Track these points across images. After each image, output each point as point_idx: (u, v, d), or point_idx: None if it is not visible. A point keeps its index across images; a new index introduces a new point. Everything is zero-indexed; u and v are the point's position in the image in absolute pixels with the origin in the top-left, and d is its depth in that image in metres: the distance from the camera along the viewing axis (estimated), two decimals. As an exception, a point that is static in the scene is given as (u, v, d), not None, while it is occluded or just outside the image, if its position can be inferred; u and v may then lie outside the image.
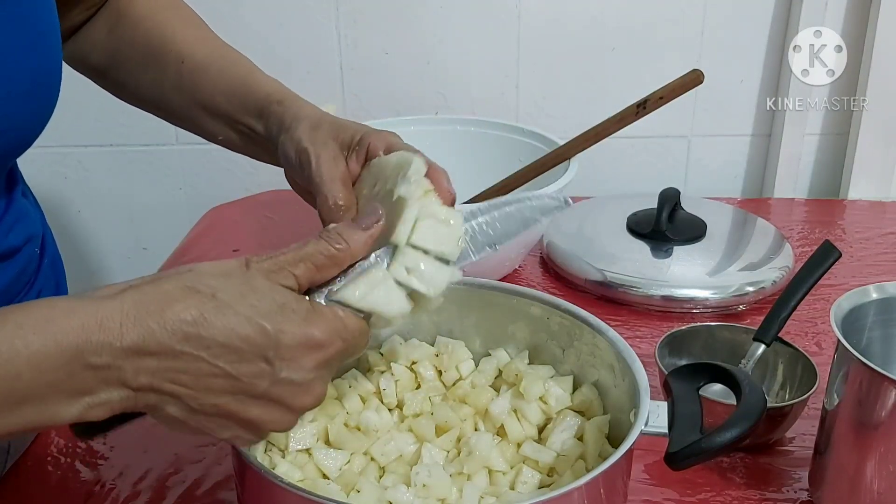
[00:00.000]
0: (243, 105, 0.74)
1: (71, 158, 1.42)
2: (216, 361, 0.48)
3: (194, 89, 0.76)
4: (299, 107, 0.71)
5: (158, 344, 0.47)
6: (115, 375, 0.47)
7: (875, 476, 0.64)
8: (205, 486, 0.75)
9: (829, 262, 0.82)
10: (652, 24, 1.33)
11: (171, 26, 0.79)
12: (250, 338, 0.49)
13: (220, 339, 0.48)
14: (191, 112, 0.77)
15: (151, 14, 0.80)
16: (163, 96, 0.78)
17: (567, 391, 0.71)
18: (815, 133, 1.38)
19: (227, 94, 0.74)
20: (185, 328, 0.48)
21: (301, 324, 0.50)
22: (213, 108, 0.75)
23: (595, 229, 1.17)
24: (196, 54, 0.77)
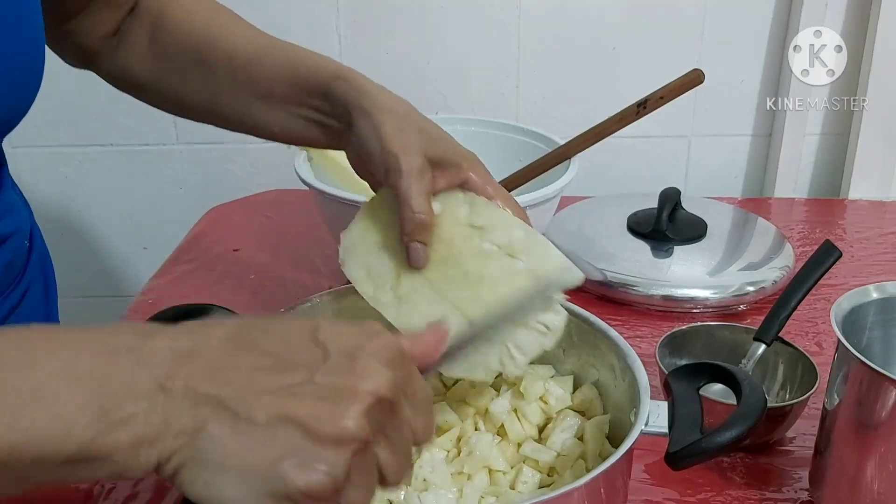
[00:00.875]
0: (305, 87, 0.70)
1: (71, 158, 1.42)
2: (261, 347, 0.43)
3: (249, 82, 0.73)
4: (370, 91, 0.67)
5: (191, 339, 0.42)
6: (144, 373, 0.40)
7: (875, 476, 0.64)
8: (205, 485, 0.75)
9: (830, 262, 0.82)
10: (652, 24, 1.33)
11: (214, 25, 0.77)
12: (294, 325, 0.45)
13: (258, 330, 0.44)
14: (246, 108, 0.74)
15: (190, 17, 0.78)
16: (215, 98, 0.75)
17: (567, 391, 0.71)
18: (815, 133, 1.38)
19: (286, 80, 0.71)
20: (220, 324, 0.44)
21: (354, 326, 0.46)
22: (273, 97, 0.72)
23: (595, 229, 1.17)
24: (245, 47, 0.74)
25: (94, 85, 0.84)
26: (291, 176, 1.00)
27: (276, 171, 1.40)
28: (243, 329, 0.44)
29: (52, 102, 1.37)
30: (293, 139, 0.74)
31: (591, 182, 1.30)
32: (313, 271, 1.11)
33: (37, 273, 0.82)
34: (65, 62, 0.84)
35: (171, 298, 1.04)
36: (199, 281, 1.10)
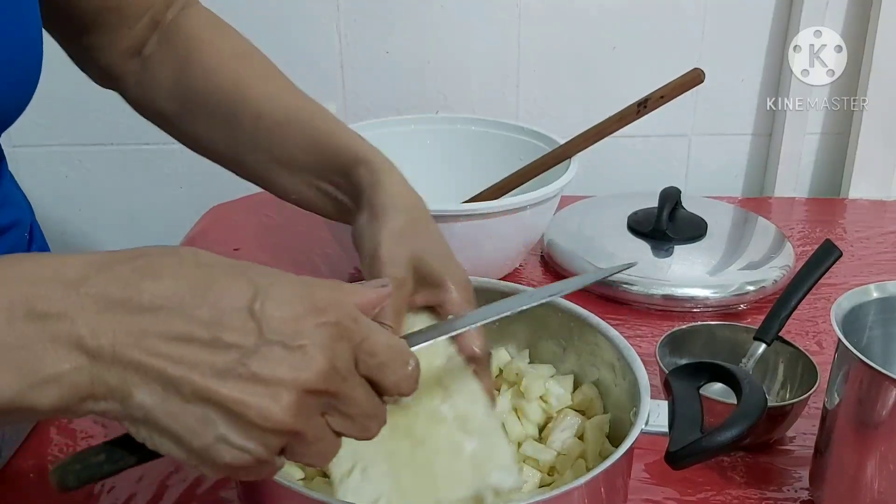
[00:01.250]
0: (327, 163, 0.70)
1: (72, 157, 1.42)
2: (194, 314, 0.41)
3: (271, 146, 0.72)
4: (385, 186, 0.66)
5: (124, 291, 0.40)
6: (67, 330, 0.39)
7: (875, 475, 0.64)
8: (205, 485, 0.75)
9: (830, 262, 0.82)
10: (652, 24, 1.33)
11: (246, 80, 0.75)
12: (233, 287, 0.42)
13: (199, 290, 0.41)
14: (266, 169, 0.73)
15: (221, 65, 0.75)
16: (237, 152, 0.74)
17: (567, 390, 0.71)
18: (815, 132, 1.38)
19: (309, 152, 0.71)
20: (158, 275, 0.41)
21: (297, 283, 0.44)
22: (294, 165, 0.71)
23: (595, 228, 1.17)
24: (274, 111, 0.73)
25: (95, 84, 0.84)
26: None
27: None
28: (180, 285, 0.42)
29: (52, 102, 1.37)
30: (308, 207, 0.73)
31: (591, 181, 1.30)
32: (313, 271, 1.11)
33: None
34: (96, 82, 0.83)
35: (171, 298, 1.04)
36: (199, 280, 1.10)
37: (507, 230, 0.98)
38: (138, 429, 0.41)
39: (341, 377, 0.43)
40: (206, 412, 0.40)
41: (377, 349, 0.45)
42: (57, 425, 0.81)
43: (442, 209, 0.92)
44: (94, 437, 0.80)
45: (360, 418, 0.45)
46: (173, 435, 0.41)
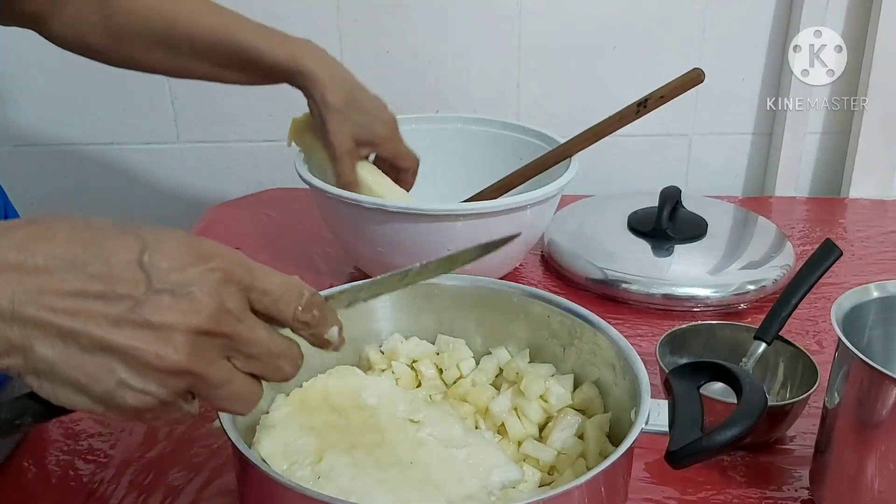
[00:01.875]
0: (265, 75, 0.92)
1: (72, 157, 1.42)
2: (86, 269, 0.43)
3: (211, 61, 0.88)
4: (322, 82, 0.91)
5: (19, 254, 0.42)
6: None
7: (876, 475, 0.64)
8: (205, 483, 0.75)
9: (830, 261, 0.82)
10: (653, 23, 1.33)
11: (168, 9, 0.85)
12: (121, 242, 0.44)
13: (90, 248, 0.44)
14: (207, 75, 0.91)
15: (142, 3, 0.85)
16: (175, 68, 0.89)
17: (568, 389, 0.71)
18: (815, 132, 1.38)
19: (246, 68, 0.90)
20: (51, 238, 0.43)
21: (184, 237, 0.46)
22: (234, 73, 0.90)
23: (596, 228, 1.17)
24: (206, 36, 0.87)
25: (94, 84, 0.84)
26: (292, 175, 1.00)
27: (276, 170, 1.40)
28: (73, 245, 0.44)
29: (52, 102, 1.37)
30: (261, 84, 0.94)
31: (591, 181, 1.30)
32: (314, 270, 1.11)
33: None
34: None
35: (171, 297, 1.04)
36: (199, 280, 1.10)
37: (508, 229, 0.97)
38: (41, 383, 0.44)
39: (234, 317, 0.46)
40: (105, 360, 0.43)
41: (269, 287, 0.47)
42: (58, 424, 0.81)
43: (442, 208, 0.92)
44: (94, 436, 0.80)
45: (266, 358, 0.48)
46: (76, 384, 0.43)
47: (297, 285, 0.49)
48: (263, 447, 0.63)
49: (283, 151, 1.38)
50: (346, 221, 0.98)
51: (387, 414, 0.67)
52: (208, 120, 1.39)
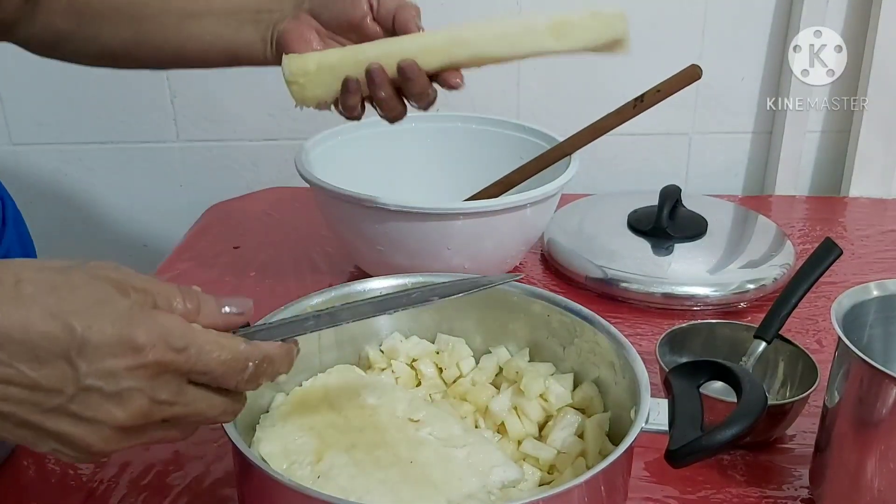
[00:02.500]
0: None
1: (71, 155, 1.42)
2: (13, 362, 0.43)
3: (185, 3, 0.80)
4: None
5: None
6: None
7: (876, 473, 0.64)
8: (205, 482, 0.75)
9: (830, 260, 0.82)
10: (653, 23, 1.32)
11: None
12: (51, 334, 0.43)
13: (17, 336, 0.43)
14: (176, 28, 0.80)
15: None
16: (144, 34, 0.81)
17: (567, 388, 0.71)
18: (815, 130, 1.38)
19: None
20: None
21: (117, 321, 0.45)
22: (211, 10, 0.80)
23: (596, 226, 1.17)
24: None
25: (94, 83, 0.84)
26: (292, 173, 1.00)
27: (276, 169, 1.40)
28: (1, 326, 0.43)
29: (52, 102, 1.37)
30: (221, 47, 0.80)
31: (591, 179, 1.30)
32: (313, 269, 1.11)
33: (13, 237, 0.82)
34: None
35: (171, 296, 1.04)
36: (199, 278, 1.10)
37: (508, 228, 0.97)
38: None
39: (167, 404, 0.47)
40: (37, 434, 0.46)
41: (209, 367, 0.48)
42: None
43: (442, 207, 0.92)
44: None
45: (207, 419, 0.50)
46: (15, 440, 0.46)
47: (240, 359, 0.49)
48: (263, 447, 0.63)
49: (283, 151, 1.38)
50: (346, 220, 0.98)
51: (386, 413, 0.67)
52: (208, 119, 1.39)
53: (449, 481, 0.60)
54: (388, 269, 0.89)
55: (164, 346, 0.45)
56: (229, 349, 0.48)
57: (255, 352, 0.49)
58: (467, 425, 0.69)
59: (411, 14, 0.81)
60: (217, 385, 0.49)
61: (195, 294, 0.50)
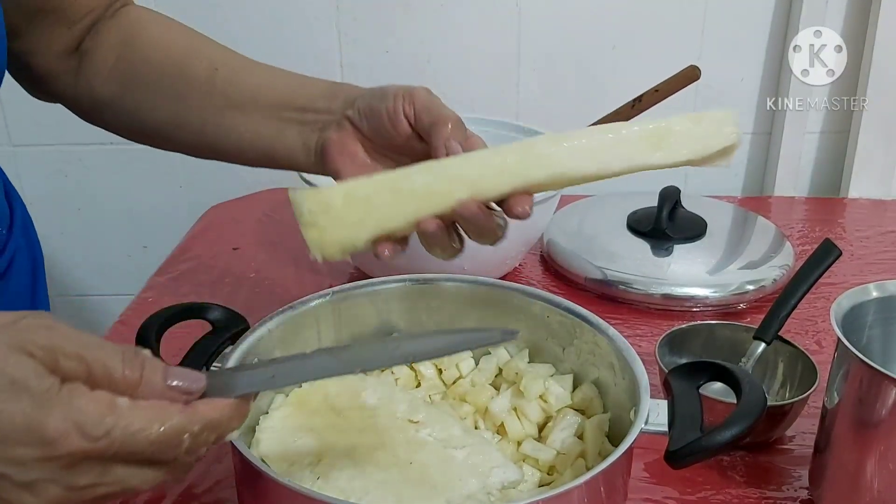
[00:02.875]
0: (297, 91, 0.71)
1: (71, 156, 1.42)
2: None
3: (229, 89, 0.72)
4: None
5: None
6: None
7: (875, 474, 0.64)
8: (205, 484, 0.75)
9: (830, 261, 0.82)
10: (652, 23, 1.32)
11: (198, 42, 0.76)
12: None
13: None
14: (216, 117, 0.73)
15: (170, 37, 0.77)
16: (182, 115, 0.74)
17: (567, 389, 0.71)
18: (815, 131, 1.38)
19: (274, 86, 0.72)
20: None
21: (30, 407, 0.42)
22: (253, 104, 0.71)
23: (595, 227, 1.17)
24: (233, 60, 0.74)
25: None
26: (291, 174, 0.99)
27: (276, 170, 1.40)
28: None
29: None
30: (261, 147, 0.72)
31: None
32: (313, 270, 1.11)
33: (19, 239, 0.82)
34: (29, 93, 0.82)
35: (170, 297, 1.04)
36: (198, 280, 1.10)
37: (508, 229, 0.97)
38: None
39: (91, 487, 0.44)
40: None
41: (137, 448, 0.44)
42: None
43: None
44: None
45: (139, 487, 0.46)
46: None
47: (174, 433, 0.45)
48: (263, 448, 0.63)
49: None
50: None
51: (386, 414, 0.67)
52: (208, 120, 1.39)
53: (449, 482, 0.60)
54: (388, 270, 0.89)
55: (80, 435, 0.42)
56: (160, 424, 0.44)
57: (192, 421, 0.45)
58: (467, 426, 0.69)
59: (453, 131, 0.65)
60: (150, 462, 0.45)
61: (139, 362, 0.45)
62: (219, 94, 0.72)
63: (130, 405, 0.44)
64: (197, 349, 0.67)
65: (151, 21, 0.79)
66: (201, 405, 0.46)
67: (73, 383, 0.43)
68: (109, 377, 0.44)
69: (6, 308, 0.75)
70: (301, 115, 0.70)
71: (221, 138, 0.73)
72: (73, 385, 0.43)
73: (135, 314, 1.01)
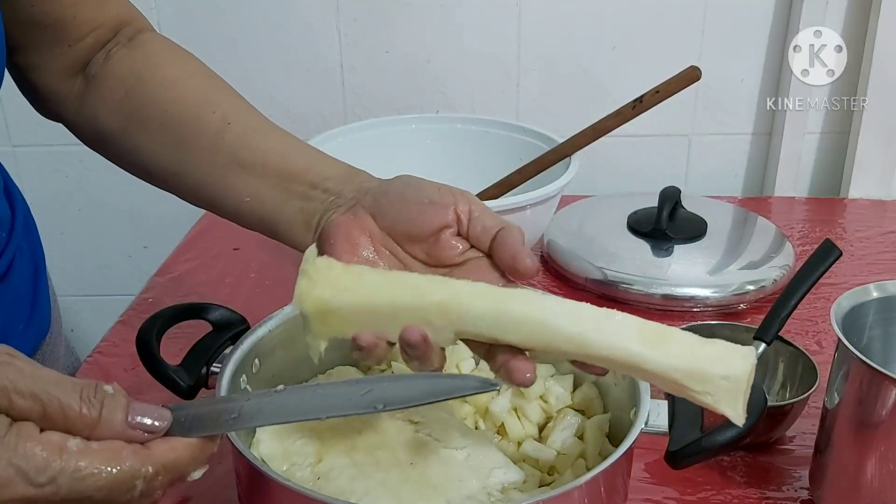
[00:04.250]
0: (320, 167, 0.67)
1: (71, 157, 1.42)
2: None
3: (239, 147, 0.69)
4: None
5: None
6: None
7: (875, 475, 0.64)
8: (205, 484, 0.74)
9: (830, 261, 0.82)
10: (652, 23, 1.33)
11: (214, 91, 0.73)
12: None
13: None
14: (220, 172, 0.69)
15: (186, 79, 0.73)
16: (186, 163, 0.71)
17: (567, 390, 0.71)
18: (815, 132, 1.38)
19: (295, 154, 0.68)
20: None
21: None
22: (260, 168, 0.67)
23: (595, 228, 1.17)
24: (249, 118, 0.71)
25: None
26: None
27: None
28: None
29: (52, 101, 1.37)
30: (261, 214, 0.69)
31: (591, 181, 1.30)
32: (313, 270, 1.11)
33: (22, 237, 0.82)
34: (35, 109, 0.81)
35: (171, 297, 1.04)
36: (199, 280, 1.10)
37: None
38: None
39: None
40: None
41: (84, 494, 0.43)
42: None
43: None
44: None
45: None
46: None
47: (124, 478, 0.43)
48: (263, 448, 0.63)
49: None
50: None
51: (386, 415, 0.67)
52: (208, 120, 1.39)
53: (449, 483, 0.60)
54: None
55: (24, 481, 0.41)
56: (111, 467, 0.43)
57: (146, 464, 0.44)
58: (467, 427, 0.69)
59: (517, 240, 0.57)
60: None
61: (98, 400, 0.44)
62: (227, 150, 0.69)
63: (81, 448, 0.43)
64: (197, 349, 0.68)
65: (168, 58, 0.75)
66: (157, 446, 0.45)
67: (22, 424, 0.42)
68: (65, 416, 0.43)
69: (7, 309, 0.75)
70: (309, 191, 0.66)
71: (221, 196, 0.70)
72: (22, 426, 0.42)
73: (135, 314, 1.01)
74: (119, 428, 0.44)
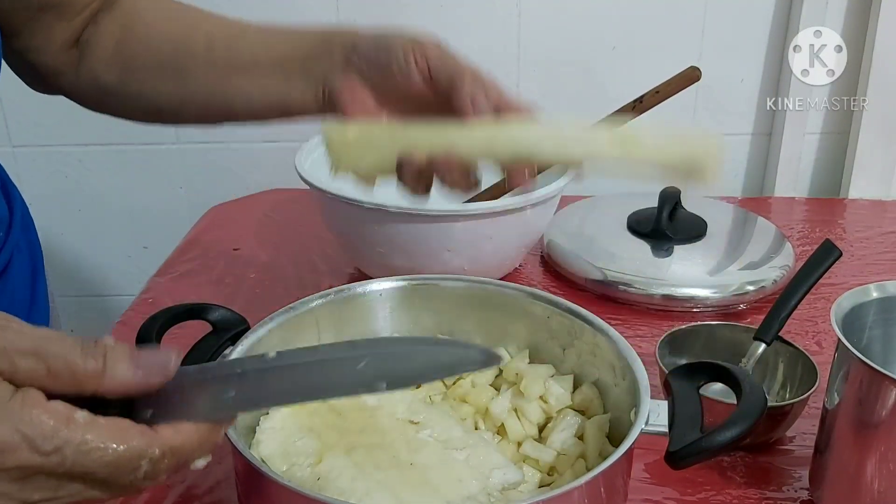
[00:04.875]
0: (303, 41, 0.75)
1: (71, 157, 1.42)
2: None
3: (229, 56, 0.75)
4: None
5: None
6: None
7: (875, 475, 0.64)
8: (205, 484, 0.75)
9: (830, 262, 0.82)
10: (652, 24, 1.33)
11: (192, 17, 0.78)
12: None
13: None
14: (223, 84, 0.74)
15: (166, 15, 0.78)
16: (187, 90, 0.75)
17: (567, 390, 0.71)
18: (815, 132, 1.38)
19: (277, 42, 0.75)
20: None
21: None
22: (258, 63, 0.74)
23: (595, 228, 1.17)
24: (228, 28, 0.77)
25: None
26: (292, 175, 1.00)
27: (276, 170, 1.40)
28: None
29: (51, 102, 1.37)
30: (272, 102, 0.74)
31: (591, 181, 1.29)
32: (313, 270, 1.11)
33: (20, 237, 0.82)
34: (30, 87, 0.83)
35: (171, 298, 1.04)
36: (199, 280, 1.10)
37: (507, 230, 0.97)
38: None
39: (45, 501, 0.42)
40: None
41: (89, 469, 0.42)
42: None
43: (442, 209, 0.92)
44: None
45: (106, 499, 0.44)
46: None
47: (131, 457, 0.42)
48: (263, 448, 0.63)
49: (283, 151, 1.38)
50: (346, 221, 0.98)
51: (386, 415, 0.67)
52: (208, 120, 1.39)
53: (449, 483, 0.60)
54: (388, 270, 0.89)
55: (29, 448, 0.40)
56: (118, 444, 0.42)
57: (152, 446, 0.43)
58: (467, 427, 0.69)
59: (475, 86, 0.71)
60: (105, 483, 0.43)
61: (101, 352, 0.43)
62: (220, 63, 0.74)
63: (88, 420, 0.42)
64: (197, 350, 0.68)
65: (148, 4, 0.80)
66: (164, 429, 0.44)
67: (28, 390, 0.41)
68: (71, 371, 0.42)
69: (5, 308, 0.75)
70: (303, 66, 0.72)
71: (230, 104, 0.75)
72: (27, 392, 0.41)
73: (135, 314, 1.01)
74: (127, 374, 0.43)
